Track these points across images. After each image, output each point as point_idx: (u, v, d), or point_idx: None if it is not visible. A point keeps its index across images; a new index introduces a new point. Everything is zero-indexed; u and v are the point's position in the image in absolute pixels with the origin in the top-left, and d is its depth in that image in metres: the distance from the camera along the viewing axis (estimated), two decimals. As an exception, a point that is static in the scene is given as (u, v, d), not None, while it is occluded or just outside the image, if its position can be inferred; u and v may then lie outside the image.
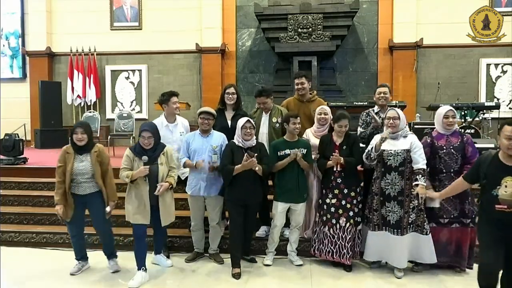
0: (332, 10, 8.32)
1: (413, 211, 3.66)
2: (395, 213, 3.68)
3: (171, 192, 3.83)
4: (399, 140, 3.69)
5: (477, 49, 8.68)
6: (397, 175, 3.66)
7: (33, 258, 4.31)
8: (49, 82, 9.49)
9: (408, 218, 3.66)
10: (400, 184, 3.66)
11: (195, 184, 3.97)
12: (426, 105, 7.44)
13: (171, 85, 9.48)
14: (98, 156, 3.74)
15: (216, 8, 9.23)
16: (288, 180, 3.89)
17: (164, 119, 4.25)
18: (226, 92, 4.32)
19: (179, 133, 4.27)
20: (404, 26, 8.79)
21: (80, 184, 3.70)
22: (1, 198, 5.21)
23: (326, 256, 3.91)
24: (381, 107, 4.26)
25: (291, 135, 3.94)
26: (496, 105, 6.93)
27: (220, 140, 4.01)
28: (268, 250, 4.15)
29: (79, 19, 9.76)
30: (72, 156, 3.67)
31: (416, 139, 3.70)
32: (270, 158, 3.90)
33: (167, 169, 3.72)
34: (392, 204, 3.69)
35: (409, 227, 3.67)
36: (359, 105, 7.09)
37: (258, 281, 3.72)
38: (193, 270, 3.98)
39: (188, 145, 4.01)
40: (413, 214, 3.66)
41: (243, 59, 9.44)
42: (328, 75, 8.97)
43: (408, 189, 3.65)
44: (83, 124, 3.71)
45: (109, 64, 9.81)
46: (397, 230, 3.68)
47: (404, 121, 3.74)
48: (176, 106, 4.22)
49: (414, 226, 3.68)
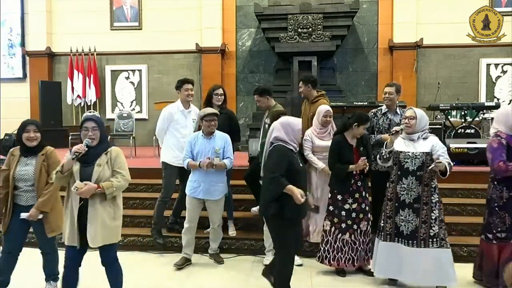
0: (332, 10, 8.32)
1: (435, 223, 3.28)
2: (410, 223, 3.33)
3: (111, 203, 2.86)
4: (418, 142, 3.36)
5: (477, 49, 8.67)
6: (414, 180, 3.31)
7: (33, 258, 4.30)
8: (49, 82, 9.48)
9: (429, 230, 3.28)
10: (417, 190, 3.32)
11: (196, 186, 3.92)
12: (426, 105, 7.44)
13: (171, 85, 9.42)
14: (45, 161, 3.17)
15: (216, 8, 9.23)
16: None
17: (180, 104, 4.41)
18: (215, 93, 4.41)
19: (192, 120, 4.43)
20: (404, 26, 8.79)
21: (21, 193, 3.17)
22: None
23: (346, 264, 3.70)
24: (388, 107, 4.17)
25: None
26: (496, 105, 6.93)
27: (223, 141, 3.95)
28: (267, 249, 4.11)
29: (79, 19, 9.75)
30: (16, 158, 3.18)
31: (437, 141, 3.35)
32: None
33: (109, 173, 2.83)
34: (407, 213, 3.34)
35: (431, 242, 3.28)
36: (359, 105, 7.10)
37: (258, 281, 3.72)
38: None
39: (191, 146, 3.95)
40: (435, 225, 3.27)
41: (243, 59, 9.44)
42: (328, 75, 8.97)
43: (426, 196, 3.31)
44: (36, 121, 3.27)
45: (109, 64, 9.81)
46: (411, 241, 3.31)
47: (424, 122, 3.39)
48: (187, 93, 4.36)
49: (439, 240, 3.28)
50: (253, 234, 4.45)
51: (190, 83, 4.37)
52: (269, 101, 4.34)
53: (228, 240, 4.40)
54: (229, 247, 4.39)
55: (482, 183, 4.55)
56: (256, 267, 4.02)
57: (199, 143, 3.93)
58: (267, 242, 4.07)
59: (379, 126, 4.15)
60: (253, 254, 4.29)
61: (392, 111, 4.15)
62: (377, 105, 7.03)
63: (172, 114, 4.33)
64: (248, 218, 4.65)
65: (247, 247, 4.39)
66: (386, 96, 4.13)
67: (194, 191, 3.93)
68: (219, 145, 3.90)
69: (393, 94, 4.08)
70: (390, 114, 4.13)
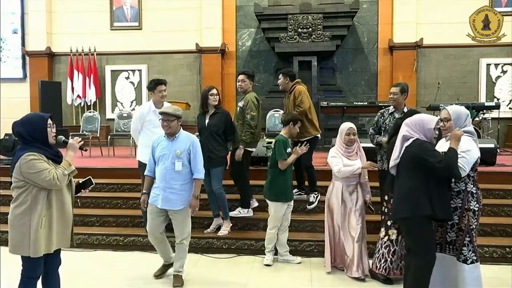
0: (332, 10, 8.32)
1: (452, 229, 2.98)
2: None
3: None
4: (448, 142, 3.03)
5: (477, 49, 8.67)
6: None
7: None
8: (49, 82, 9.47)
9: (446, 236, 3.01)
10: None
11: (157, 193, 3.54)
12: (426, 105, 7.45)
13: (171, 85, 9.43)
14: None
15: (216, 8, 9.23)
16: (289, 178, 3.97)
17: (153, 104, 4.37)
18: (210, 93, 4.45)
19: None
20: (404, 26, 8.79)
21: None
22: (1, 198, 5.20)
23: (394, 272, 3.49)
24: (394, 107, 4.14)
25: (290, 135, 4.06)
26: (496, 105, 6.94)
27: (186, 144, 3.50)
28: (267, 249, 4.11)
29: (79, 19, 9.75)
30: None
31: (467, 141, 2.90)
32: (282, 154, 3.90)
33: None
34: None
35: (448, 249, 3.03)
36: (359, 105, 7.10)
37: (258, 281, 3.72)
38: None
39: (153, 151, 3.60)
40: (451, 232, 2.98)
41: (243, 59, 9.43)
42: (328, 75, 8.97)
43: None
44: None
45: (109, 64, 9.80)
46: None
47: (461, 120, 2.98)
48: (162, 95, 4.35)
49: (453, 249, 3.00)
50: (253, 234, 4.45)
51: (163, 84, 4.38)
52: (248, 85, 4.60)
53: (228, 240, 4.40)
54: (229, 247, 4.39)
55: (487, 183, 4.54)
56: (256, 267, 4.03)
57: (160, 146, 3.54)
58: (270, 244, 4.09)
59: (385, 126, 4.13)
60: (253, 254, 4.28)
61: (399, 111, 4.11)
62: (377, 105, 7.05)
63: (144, 114, 4.33)
64: (249, 218, 4.65)
65: (247, 247, 4.39)
66: (390, 96, 4.12)
67: (155, 198, 3.53)
68: (181, 148, 3.47)
69: (397, 94, 4.05)
70: (397, 114, 4.10)
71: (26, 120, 2.61)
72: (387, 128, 4.09)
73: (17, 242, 2.56)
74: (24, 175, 2.51)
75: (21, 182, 2.54)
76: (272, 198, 3.99)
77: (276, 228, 4.03)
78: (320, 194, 4.86)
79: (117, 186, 5.32)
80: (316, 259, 4.15)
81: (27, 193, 2.54)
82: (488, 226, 4.29)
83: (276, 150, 3.91)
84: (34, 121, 2.59)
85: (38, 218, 2.54)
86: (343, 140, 3.79)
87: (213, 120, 4.41)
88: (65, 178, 2.58)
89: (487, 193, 4.76)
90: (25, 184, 2.53)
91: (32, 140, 2.56)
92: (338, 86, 8.89)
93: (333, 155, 3.79)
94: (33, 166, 2.48)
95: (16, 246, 2.57)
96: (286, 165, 3.90)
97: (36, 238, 2.53)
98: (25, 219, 2.53)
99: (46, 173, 2.49)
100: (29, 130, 2.56)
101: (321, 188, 4.98)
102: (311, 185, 4.78)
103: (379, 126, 4.19)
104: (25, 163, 2.49)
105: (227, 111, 4.58)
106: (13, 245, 2.58)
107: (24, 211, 2.54)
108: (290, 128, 4.00)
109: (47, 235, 2.58)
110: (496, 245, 4.09)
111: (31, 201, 2.54)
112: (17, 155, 2.57)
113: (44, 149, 2.58)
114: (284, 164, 3.89)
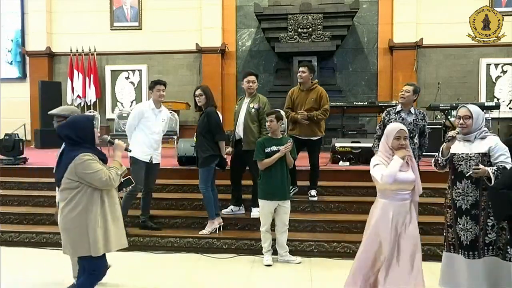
0: (332, 10, 8.33)
1: (492, 230, 2.92)
2: (469, 231, 2.97)
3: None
4: (474, 143, 3.00)
5: (477, 49, 8.67)
6: (470, 184, 2.95)
7: (33, 259, 4.31)
8: (49, 82, 9.48)
9: (485, 238, 2.93)
10: (474, 195, 2.95)
11: None
12: (426, 105, 7.44)
13: (171, 85, 9.43)
14: None
15: (216, 8, 9.23)
16: (275, 177, 3.92)
17: (152, 103, 4.53)
18: (195, 95, 4.54)
19: (162, 119, 4.59)
20: (404, 26, 8.79)
21: None
22: (1, 198, 5.21)
23: None
24: (402, 105, 4.12)
25: (274, 133, 4.01)
26: (496, 105, 6.94)
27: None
28: (264, 249, 4.10)
29: (79, 19, 9.75)
30: None
31: (498, 141, 2.97)
32: (258, 155, 3.93)
33: None
34: (465, 220, 2.99)
35: (487, 250, 2.93)
36: (359, 105, 7.11)
37: (258, 281, 3.72)
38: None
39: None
40: (492, 233, 2.93)
41: (243, 59, 9.44)
42: (328, 75, 8.98)
43: (484, 201, 2.93)
44: None
45: (109, 64, 9.81)
46: (472, 252, 2.96)
47: (481, 119, 3.01)
48: (160, 94, 4.50)
49: (495, 249, 2.92)
50: (253, 234, 4.45)
51: (163, 85, 4.52)
52: (256, 85, 4.60)
53: (228, 240, 4.40)
54: (229, 247, 4.39)
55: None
56: (256, 267, 4.03)
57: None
58: (265, 243, 4.08)
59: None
60: (253, 254, 4.28)
61: (406, 110, 4.10)
62: (377, 105, 7.06)
63: (143, 111, 4.44)
64: (249, 218, 4.65)
65: (247, 247, 4.38)
66: (402, 93, 4.08)
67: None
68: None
69: (409, 92, 4.03)
70: (404, 113, 4.08)
71: (72, 122, 2.66)
72: None
73: (77, 244, 2.59)
74: (79, 176, 2.52)
75: (75, 183, 2.55)
76: (259, 196, 4.03)
77: (266, 227, 4.02)
78: (320, 194, 4.93)
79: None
80: (316, 259, 4.15)
81: (81, 193, 2.56)
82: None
83: (255, 151, 4.00)
84: (81, 123, 2.64)
85: (94, 218, 2.58)
86: (390, 145, 2.87)
87: (200, 120, 4.50)
88: (118, 178, 2.65)
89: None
90: (79, 185, 2.55)
91: (81, 141, 2.59)
92: (338, 86, 8.90)
93: (377, 162, 2.89)
94: (89, 167, 2.51)
95: (76, 248, 2.60)
96: (264, 165, 3.90)
97: (95, 237, 2.58)
98: (82, 220, 2.56)
99: (101, 173, 2.53)
100: (78, 132, 2.60)
101: (321, 188, 5.02)
102: (313, 181, 4.89)
103: (384, 124, 4.12)
104: (80, 163, 2.51)
105: (211, 108, 4.44)
106: (73, 247, 2.61)
107: (80, 213, 2.56)
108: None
109: (103, 234, 2.63)
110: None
111: (86, 201, 2.56)
112: (68, 156, 2.57)
113: (92, 149, 2.63)
114: (262, 164, 3.91)
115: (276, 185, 3.92)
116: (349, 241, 4.25)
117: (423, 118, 4.12)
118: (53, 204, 5.10)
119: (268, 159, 3.89)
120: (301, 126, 4.73)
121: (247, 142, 4.47)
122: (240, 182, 4.76)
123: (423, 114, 4.15)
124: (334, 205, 4.82)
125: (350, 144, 5.96)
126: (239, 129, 4.57)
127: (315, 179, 4.90)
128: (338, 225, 4.52)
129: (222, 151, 4.46)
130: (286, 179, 3.98)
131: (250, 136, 4.44)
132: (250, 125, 4.47)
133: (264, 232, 4.05)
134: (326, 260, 4.13)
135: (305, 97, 4.75)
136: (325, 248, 4.26)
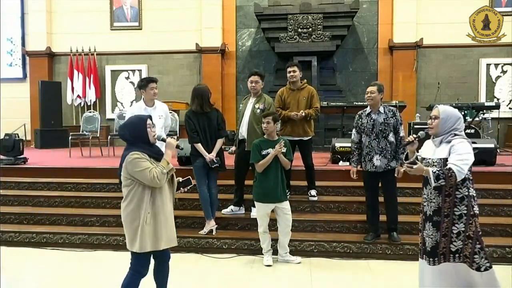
0: (332, 10, 8.34)
1: (458, 238, 2.81)
2: (430, 238, 2.89)
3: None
4: (440, 147, 2.86)
5: (477, 49, 8.68)
6: (433, 190, 2.84)
7: (32, 258, 4.31)
8: (49, 82, 9.49)
9: (450, 246, 2.83)
10: (436, 201, 2.85)
11: None
12: (426, 105, 7.45)
13: (171, 85, 9.50)
14: None
15: (216, 8, 9.24)
16: (268, 179, 3.89)
17: (143, 103, 4.46)
18: None
19: (158, 116, 4.46)
20: (404, 26, 8.80)
21: None
22: (1, 198, 5.21)
23: None
24: (371, 107, 4.12)
25: (270, 134, 3.97)
26: (496, 105, 6.94)
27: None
28: (263, 250, 4.10)
29: (79, 19, 9.76)
30: None
31: (459, 145, 2.75)
32: (254, 157, 3.90)
33: None
34: (428, 226, 2.92)
35: (453, 257, 2.84)
36: (359, 105, 7.09)
37: (258, 281, 3.72)
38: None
39: None
40: (457, 241, 2.81)
41: (243, 59, 9.44)
42: (328, 75, 8.98)
43: (447, 207, 2.82)
44: None
45: (109, 64, 9.81)
46: (432, 259, 2.88)
47: (451, 122, 2.82)
48: (153, 92, 4.42)
49: (461, 256, 2.82)
50: (253, 234, 4.44)
51: (155, 82, 4.44)
52: (261, 86, 4.56)
53: (228, 240, 4.40)
54: (229, 247, 4.39)
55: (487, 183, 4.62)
56: (256, 267, 4.03)
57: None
58: (263, 243, 4.08)
59: (363, 128, 4.13)
60: (253, 254, 4.28)
61: (376, 110, 4.10)
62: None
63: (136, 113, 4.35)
64: (249, 219, 4.65)
65: (247, 247, 4.38)
66: (368, 95, 4.09)
67: None
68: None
69: (374, 93, 4.03)
70: (374, 114, 4.09)
71: (128, 123, 2.79)
72: (365, 130, 4.09)
73: (130, 238, 2.70)
74: (130, 173, 2.63)
75: (128, 180, 2.67)
76: (254, 198, 4.03)
77: (263, 228, 4.02)
78: (320, 194, 4.92)
79: (117, 186, 5.28)
80: (316, 259, 4.14)
81: (134, 190, 2.66)
82: (488, 226, 4.28)
83: (251, 153, 3.97)
84: (134, 123, 2.75)
85: (144, 215, 2.65)
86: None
87: None
88: (164, 177, 2.67)
89: (487, 193, 4.77)
90: (132, 182, 2.65)
91: (134, 140, 2.70)
92: (338, 86, 8.90)
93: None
94: (137, 165, 2.59)
95: (129, 242, 2.71)
96: (260, 166, 3.88)
97: (142, 234, 2.64)
98: (136, 215, 2.66)
99: (147, 172, 2.59)
100: (131, 131, 2.71)
101: (321, 188, 5.02)
102: (312, 182, 4.89)
103: (357, 128, 4.18)
104: (129, 162, 2.61)
105: (187, 111, 4.38)
106: (128, 241, 2.72)
107: (133, 209, 2.67)
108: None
109: (152, 232, 2.68)
110: (496, 245, 4.07)
111: (138, 198, 2.66)
112: (123, 155, 2.72)
113: (146, 148, 2.70)
114: (258, 166, 3.89)
115: (268, 187, 3.89)
116: (349, 241, 4.24)
117: (393, 115, 4.06)
118: (52, 203, 5.15)
119: (263, 160, 3.87)
120: (293, 127, 4.73)
121: (251, 142, 4.47)
122: (243, 183, 4.72)
123: (393, 112, 4.09)
124: (334, 205, 4.81)
125: (350, 144, 5.94)
126: (243, 129, 4.54)
127: (313, 179, 4.90)
128: (338, 225, 4.52)
129: (202, 152, 4.29)
130: (281, 181, 3.92)
131: (253, 136, 4.40)
132: (254, 126, 4.44)
133: (261, 233, 4.05)
134: (326, 260, 4.12)
135: (297, 96, 4.76)
136: (325, 248, 4.25)
